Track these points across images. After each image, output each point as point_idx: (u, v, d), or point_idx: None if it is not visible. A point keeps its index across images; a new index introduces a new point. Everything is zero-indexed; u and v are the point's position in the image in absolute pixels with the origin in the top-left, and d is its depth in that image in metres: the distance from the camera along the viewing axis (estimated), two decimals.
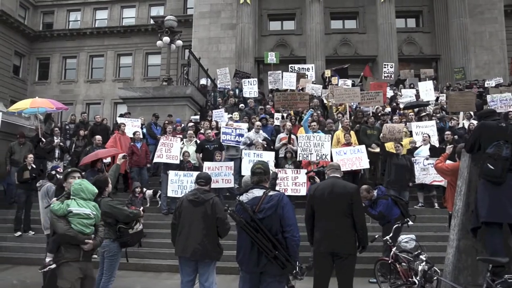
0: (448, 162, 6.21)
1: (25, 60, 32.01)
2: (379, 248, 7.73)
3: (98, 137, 10.70)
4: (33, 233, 9.78)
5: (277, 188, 9.44)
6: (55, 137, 11.87)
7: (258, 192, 4.03)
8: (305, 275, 6.17)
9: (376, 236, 6.24)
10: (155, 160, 10.44)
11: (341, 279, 4.74)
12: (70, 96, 30.16)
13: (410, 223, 7.54)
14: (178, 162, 10.19)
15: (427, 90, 15.30)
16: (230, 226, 5.10)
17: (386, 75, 17.43)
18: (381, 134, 10.51)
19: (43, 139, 11.66)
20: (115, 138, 11.34)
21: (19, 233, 9.80)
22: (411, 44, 25.25)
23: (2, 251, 9.27)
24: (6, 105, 17.15)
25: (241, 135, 10.94)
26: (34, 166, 9.95)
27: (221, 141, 10.90)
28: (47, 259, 4.68)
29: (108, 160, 10.22)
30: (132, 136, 11.44)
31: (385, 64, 17.75)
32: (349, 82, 17.74)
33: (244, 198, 4.04)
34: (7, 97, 28.07)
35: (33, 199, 9.60)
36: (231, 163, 10.07)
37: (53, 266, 4.37)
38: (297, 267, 3.87)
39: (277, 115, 13.49)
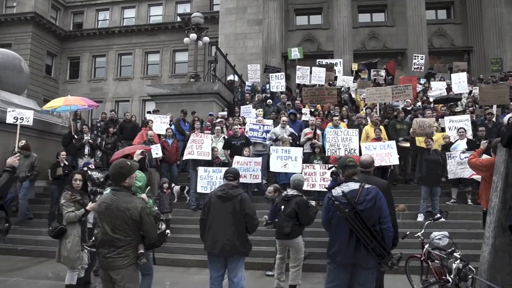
0: (484, 156, 6.03)
1: (56, 60, 32.91)
2: (410, 245, 7.59)
3: (150, 133, 10.73)
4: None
5: (305, 183, 9.45)
6: (84, 135, 12.09)
7: (354, 185, 4.07)
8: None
9: (408, 233, 6.10)
10: (186, 157, 10.44)
11: None
12: (100, 94, 30.80)
13: (442, 219, 7.38)
14: (209, 158, 10.21)
15: (460, 82, 14.78)
16: (259, 222, 5.11)
17: (416, 67, 16.98)
18: (411, 129, 10.27)
19: (75, 136, 11.93)
20: (142, 135, 11.48)
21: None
22: (442, 36, 24.63)
23: (37, 244, 9.54)
24: (40, 103, 17.62)
25: (268, 131, 10.91)
26: (66, 163, 10.20)
27: (248, 137, 10.89)
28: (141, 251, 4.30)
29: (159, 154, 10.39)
30: (164, 132, 11.56)
31: (415, 56, 17.26)
32: (382, 72, 17.39)
33: (339, 191, 4.04)
34: (40, 96, 28.93)
35: None
36: (260, 159, 10.06)
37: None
38: (393, 258, 3.94)
39: (304, 110, 13.37)
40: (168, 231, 9.21)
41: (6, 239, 8.92)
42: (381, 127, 10.75)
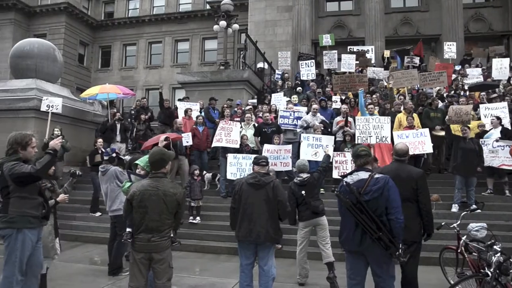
0: None
1: (88, 49, 33.54)
2: (445, 236, 7.42)
3: (179, 121, 10.92)
4: (100, 214, 10.28)
5: (335, 171, 9.36)
6: (116, 122, 12.28)
7: (363, 175, 4.08)
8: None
9: (443, 223, 5.93)
10: (214, 144, 10.48)
11: (405, 267, 4.58)
12: (131, 82, 31.20)
13: (478, 211, 7.17)
14: (237, 146, 10.22)
15: (501, 68, 14.21)
16: (291, 209, 5.08)
17: (450, 54, 16.44)
18: (447, 117, 9.97)
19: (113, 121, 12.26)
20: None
21: (98, 213, 10.29)
22: (479, 20, 23.62)
23: (72, 229, 9.82)
24: (73, 92, 18.04)
25: (299, 118, 10.80)
26: (103, 150, 10.42)
27: (279, 124, 10.83)
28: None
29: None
30: (194, 119, 11.65)
31: (447, 44, 16.70)
32: (417, 59, 16.91)
33: (349, 179, 4.09)
34: (73, 85, 29.64)
35: None
36: (289, 146, 10.00)
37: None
38: (400, 249, 3.88)
39: (335, 97, 13.18)
40: (198, 218, 9.43)
41: None
42: (415, 115, 10.49)
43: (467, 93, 13.34)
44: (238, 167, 9.60)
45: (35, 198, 4.23)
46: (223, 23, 16.04)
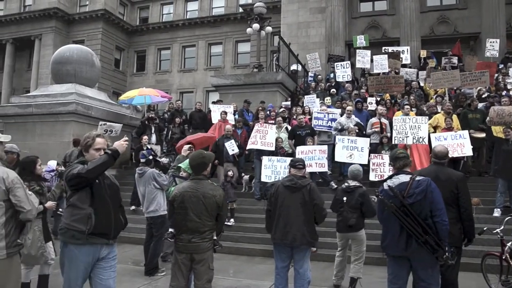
0: None
1: (124, 54, 34.43)
2: (487, 242, 7.17)
3: (228, 127, 10.83)
4: (134, 207, 10.43)
5: (372, 174, 9.22)
6: (151, 124, 12.48)
7: (404, 178, 4.02)
8: None
9: (485, 229, 5.73)
10: (249, 146, 10.52)
11: (445, 273, 4.45)
12: (165, 86, 31.70)
13: None
14: (273, 149, 10.20)
15: None
16: (327, 213, 5.03)
17: (492, 52, 15.85)
18: (488, 118, 9.61)
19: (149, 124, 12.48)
20: (215, 126, 11.73)
21: (133, 207, 10.47)
22: None
23: None
24: (109, 96, 18.50)
25: (334, 120, 10.71)
26: (149, 147, 10.54)
27: (313, 126, 10.76)
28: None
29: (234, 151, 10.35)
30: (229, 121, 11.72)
31: (490, 41, 16.12)
32: (455, 59, 16.44)
33: (390, 183, 4.03)
34: (109, 89, 30.49)
35: None
36: (325, 147, 9.87)
37: None
38: (448, 252, 3.81)
39: (370, 99, 12.97)
40: (232, 220, 9.48)
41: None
42: (454, 116, 10.20)
43: (510, 92, 12.85)
44: (272, 170, 9.56)
45: (83, 209, 3.49)
46: (256, 25, 16.09)
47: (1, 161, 3.75)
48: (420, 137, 9.21)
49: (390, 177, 4.16)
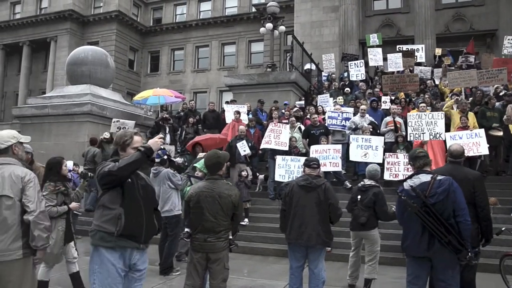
0: None
1: (138, 54, 34.72)
2: (505, 242, 7.06)
3: (242, 128, 10.79)
4: None
5: (387, 173, 9.14)
6: (165, 124, 12.53)
7: (425, 177, 3.96)
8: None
9: (503, 229, 5.65)
10: (263, 146, 10.52)
11: (463, 273, 4.38)
12: (179, 86, 31.86)
13: None
14: (286, 148, 10.18)
15: None
16: (342, 212, 5.00)
17: (510, 49, 15.55)
18: (505, 116, 9.48)
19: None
20: (229, 126, 11.74)
21: None
22: None
23: None
24: (123, 96, 18.68)
25: (348, 119, 10.65)
26: (163, 147, 10.57)
27: (327, 125, 10.71)
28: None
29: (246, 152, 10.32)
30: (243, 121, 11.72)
31: (508, 38, 15.81)
32: (472, 58, 16.20)
33: (410, 183, 3.97)
34: (124, 89, 30.78)
35: None
36: (339, 146, 9.83)
37: None
38: (471, 252, 3.76)
39: (384, 98, 12.86)
40: (246, 219, 9.48)
41: (83, 222, 9.55)
42: (471, 114, 10.04)
43: None
44: (286, 169, 9.54)
45: (113, 209, 3.27)
46: (269, 25, 16.06)
47: (22, 162, 3.76)
48: (437, 133, 9.11)
49: (410, 176, 4.09)
